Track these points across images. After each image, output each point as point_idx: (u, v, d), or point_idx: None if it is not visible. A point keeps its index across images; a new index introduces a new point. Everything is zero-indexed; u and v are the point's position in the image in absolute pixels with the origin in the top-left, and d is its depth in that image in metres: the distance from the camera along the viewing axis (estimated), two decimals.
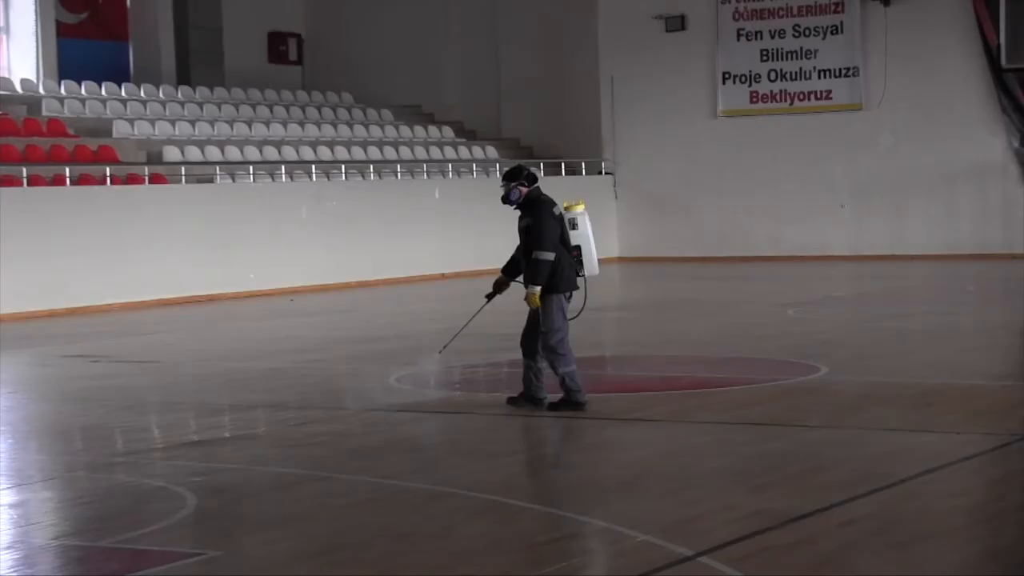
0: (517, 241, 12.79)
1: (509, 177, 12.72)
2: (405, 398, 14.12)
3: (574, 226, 13.11)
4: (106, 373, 16.81)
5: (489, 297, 13.20)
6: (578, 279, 12.77)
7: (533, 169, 13.13)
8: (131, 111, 30.30)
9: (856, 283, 26.69)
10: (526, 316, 12.71)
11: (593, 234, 13.49)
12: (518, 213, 12.79)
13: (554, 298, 12.48)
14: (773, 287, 26.45)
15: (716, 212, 33.42)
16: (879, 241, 31.91)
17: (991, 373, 15.34)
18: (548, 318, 12.48)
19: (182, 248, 26.10)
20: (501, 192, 12.76)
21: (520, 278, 12.81)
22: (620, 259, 34.08)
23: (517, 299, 12.83)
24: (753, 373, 15.15)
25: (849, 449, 10.93)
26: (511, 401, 12.86)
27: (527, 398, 12.74)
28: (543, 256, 12.41)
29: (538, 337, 12.56)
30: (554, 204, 12.73)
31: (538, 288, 12.37)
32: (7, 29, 32.12)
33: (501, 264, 13.15)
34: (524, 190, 12.62)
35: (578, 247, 12.89)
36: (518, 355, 12.85)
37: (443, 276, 29.59)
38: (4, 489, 10.67)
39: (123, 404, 14.35)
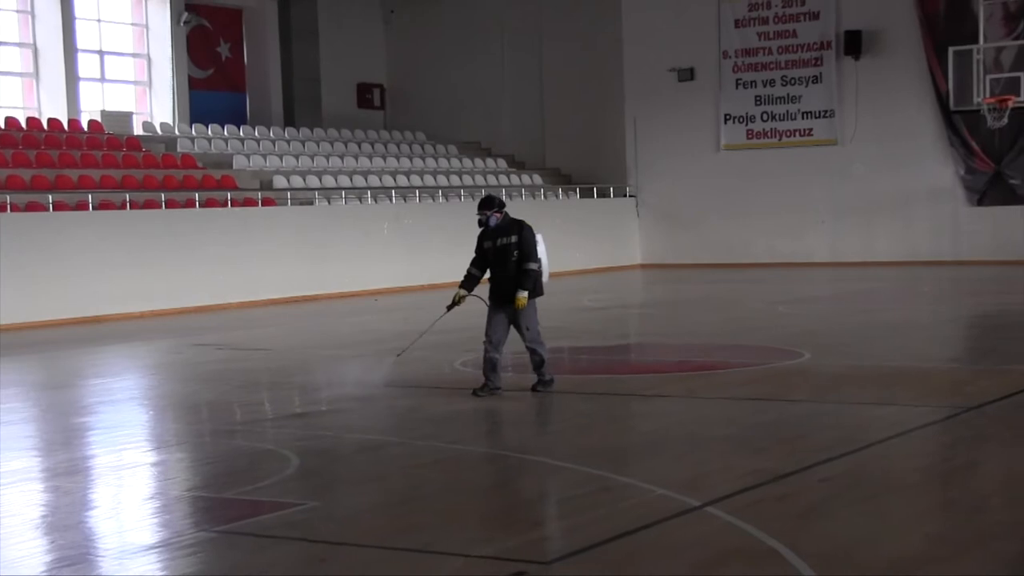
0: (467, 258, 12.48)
1: (487, 207, 12.33)
2: (467, 378, 14.13)
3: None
4: (227, 359, 16.90)
5: (449, 308, 12.85)
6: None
7: (502, 198, 12.91)
8: (247, 148, 30.44)
9: (834, 285, 26.52)
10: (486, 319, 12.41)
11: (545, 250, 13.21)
12: (479, 235, 12.43)
13: (534, 301, 12.30)
14: (767, 288, 26.30)
15: (720, 227, 33.29)
16: (852, 250, 31.74)
17: (943, 357, 15.27)
18: (532, 318, 12.25)
19: (288, 257, 26.23)
20: (478, 219, 12.35)
21: (476, 292, 12.51)
22: (642, 265, 34.07)
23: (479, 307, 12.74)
24: (750, 358, 15.07)
25: (828, 419, 10.87)
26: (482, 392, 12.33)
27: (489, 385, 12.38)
28: (534, 267, 12.20)
29: (507, 331, 12.25)
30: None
31: (526, 292, 12.15)
32: (150, 84, 32.33)
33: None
34: (499, 216, 12.35)
35: (539, 260, 12.55)
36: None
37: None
38: (147, 451, 10.77)
39: (241, 383, 14.42)
